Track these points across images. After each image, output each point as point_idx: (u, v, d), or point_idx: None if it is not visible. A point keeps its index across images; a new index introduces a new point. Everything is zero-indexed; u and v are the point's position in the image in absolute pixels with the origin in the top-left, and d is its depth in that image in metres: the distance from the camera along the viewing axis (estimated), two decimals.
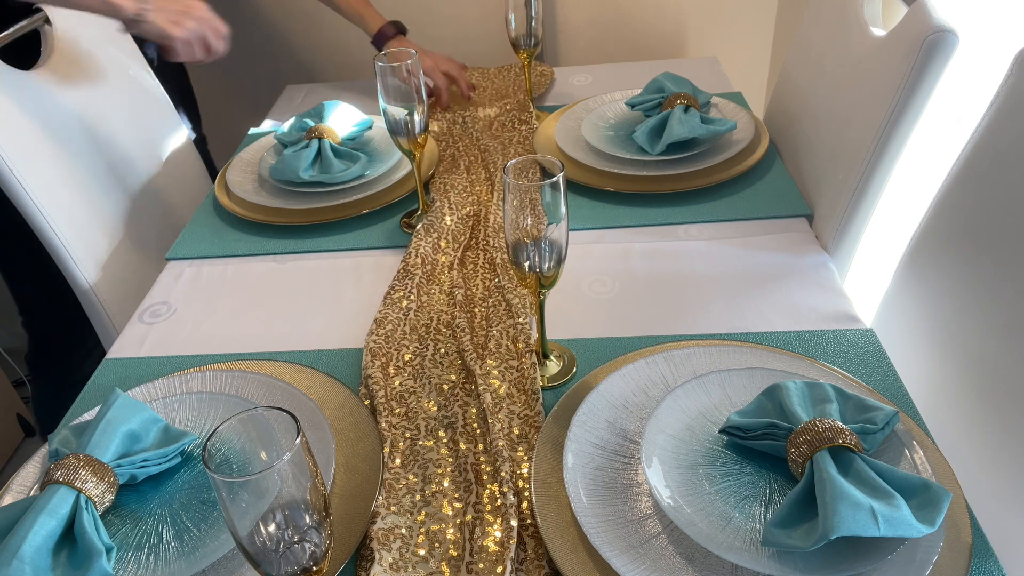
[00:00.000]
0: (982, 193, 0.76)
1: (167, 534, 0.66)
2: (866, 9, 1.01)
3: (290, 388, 0.79)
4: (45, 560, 0.61)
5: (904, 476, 0.59)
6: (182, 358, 0.89)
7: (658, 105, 1.18)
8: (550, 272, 0.74)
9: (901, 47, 0.87)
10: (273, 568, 0.51)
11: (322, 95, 1.52)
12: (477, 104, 1.41)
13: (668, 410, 0.71)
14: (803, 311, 0.87)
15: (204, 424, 0.77)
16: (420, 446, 0.74)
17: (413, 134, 0.99)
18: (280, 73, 1.80)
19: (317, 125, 1.18)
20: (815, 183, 1.06)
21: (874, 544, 0.58)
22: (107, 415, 0.70)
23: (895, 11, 1.06)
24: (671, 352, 0.79)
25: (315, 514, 0.51)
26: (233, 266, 1.05)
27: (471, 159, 1.23)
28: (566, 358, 0.83)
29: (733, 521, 0.62)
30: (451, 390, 0.80)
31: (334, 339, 0.90)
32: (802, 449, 0.61)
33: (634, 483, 0.67)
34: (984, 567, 0.59)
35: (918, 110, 0.87)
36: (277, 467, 0.47)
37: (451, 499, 0.69)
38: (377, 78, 0.95)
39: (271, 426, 0.52)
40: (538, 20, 1.27)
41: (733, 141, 1.15)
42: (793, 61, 1.22)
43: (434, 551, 0.64)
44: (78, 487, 0.64)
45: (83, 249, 1.12)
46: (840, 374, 0.75)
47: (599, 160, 1.15)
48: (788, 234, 1.00)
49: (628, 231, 1.03)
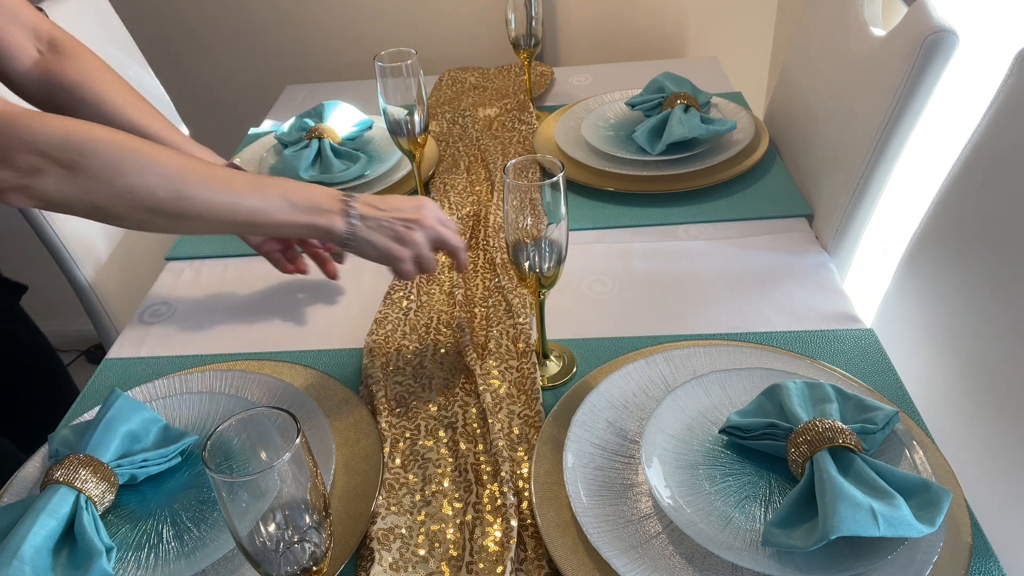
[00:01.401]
0: (982, 193, 0.76)
1: (167, 534, 0.66)
2: (866, 9, 1.01)
3: (290, 388, 0.79)
4: (45, 560, 0.61)
5: (904, 476, 0.59)
6: (182, 358, 0.89)
7: (658, 105, 1.18)
8: (550, 272, 0.74)
9: (901, 47, 0.87)
10: (273, 568, 0.51)
11: (322, 95, 1.52)
12: (477, 104, 1.41)
13: (668, 410, 0.71)
14: (803, 311, 0.87)
15: (204, 424, 0.77)
16: (420, 446, 0.74)
17: (413, 134, 0.99)
18: (280, 73, 1.80)
19: (317, 125, 1.18)
20: (815, 183, 1.06)
21: (874, 544, 0.57)
22: (107, 415, 0.70)
23: (895, 11, 1.06)
24: (671, 352, 0.79)
25: (315, 514, 0.51)
26: (233, 266, 1.05)
27: (471, 159, 1.23)
28: (566, 358, 0.83)
29: (733, 521, 0.62)
30: (451, 390, 0.80)
31: (334, 339, 0.90)
32: (802, 449, 0.61)
33: (634, 483, 0.67)
34: (984, 567, 0.59)
35: (918, 110, 0.87)
36: (277, 467, 0.47)
37: (451, 499, 0.69)
38: (377, 78, 0.95)
39: (271, 426, 0.52)
40: (538, 20, 1.27)
41: (733, 141, 1.15)
42: (793, 61, 1.22)
43: (434, 551, 0.64)
44: (78, 487, 0.64)
45: (83, 249, 1.12)
46: (840, 374, 0.75)
47: (599, 160, 1.15)
48: (788, 234, 1.00)
49: (628, 231, 1.03)
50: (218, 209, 0.72)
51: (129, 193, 0.68)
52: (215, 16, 1.75)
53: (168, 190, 0.69)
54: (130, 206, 0.69)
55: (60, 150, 0.64)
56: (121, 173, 0.67)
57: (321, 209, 0.77)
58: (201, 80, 1.83)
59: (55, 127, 0.65)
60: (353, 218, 0.78)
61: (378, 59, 0.95)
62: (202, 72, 1.83)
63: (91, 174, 0.66)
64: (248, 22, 1.75)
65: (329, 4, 1.71)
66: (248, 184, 0.74)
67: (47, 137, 0.64)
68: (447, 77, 1.53)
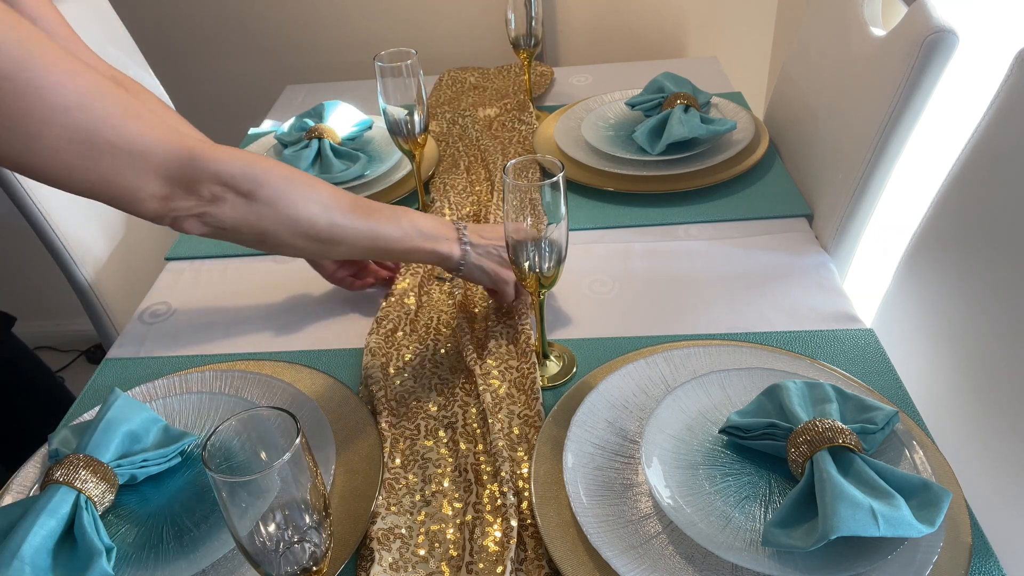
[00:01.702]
0: (982, 193, 0.76)
1: (167, 534, 0.66)
2: (866, 9, 1.01)
3: (290, 388, 0.79)
4: (45, 560, 0.61)
5: (904, 476, 0.59)
6: (182, 358, 0.89)
7: (658, 105, 1.18)
8: (550, 272, 0.74)
9: (901, 47, 0.87)
10: (273, 568, 0.51)
11: (322, 95, 1.52)
12: (477, 104, 1.41)
13: (668, 410, 0.71)
14: (803, 311, 0.87)
15: (204, 424, 0.77)
16: (420, 446, 0.74)
17: (413, 134, 0.99)
18: (280, 73, 1.80)
19: (317, 125, 1.18)
20: (815, 183, 1.06)
21: (874, 544, 0.57)
22: (107, 415, 0.70)
23: (895, 11, 1.06)
24: (671, 352, 0.79)
25: (315, 514, 0.51)
26: (233, 266, 1.05)
27: (471, 159, 1.23)
28: (566, 358, 0.83)
29: (733, 521, 0.62)
30: (451, 390, 0.80)
31: (334, 339, 0.90)
32: (802, 449, 0.61)
33: (634, 483, 0.67)
34: (984, 567, 0.59)
35: (918, 110, 0.87)
36: (277, 467, 0.47)
37: (451, 499, 0.69)
38: (377, 78, 0.95)
39: (271, 426, 0.52)
40: (538, 20, 1.27)
41: (733, 141, 1.15)
42: (793, 61, 1.22)
43: (434, 551, 0.64)
44: (78, 487, 0.64)
45: (83, 249, 1.12)
46: (840, 374, 0.75)
47: (599, 160, 1.15)
48: (788, 234, 1.00)
49: (628, 231, 1.03)
50: (363, 236, 0.78)
51: (294, 221, 0.73)
52: (215, 16, 1.75)
53: (325, 219, 0.75)
54: (292, 232, 0.74)
55: (240, 180, 0.69)
56: (291, 203, 0.72)
57: (442, 237, 0.82)
58: (201, 80, 1.84)
59: (236, 158, 0.69)
60: (466, 245, 0.84)
61: (378, 59, 0.94)
62: (202, 72, 1.83)
63: (264, 202, 0.71)
64: (248, 22, 1.75)
65: (329, 4, 1.71)
66: (384, 214, 0.80)
67: (229, 168, 0.69)
68: (447, 77, 1.53)
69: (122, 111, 0.63)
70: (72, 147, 0.61)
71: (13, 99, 0.58)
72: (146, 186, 0.66)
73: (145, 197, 0.66)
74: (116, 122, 0.63)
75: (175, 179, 0.67)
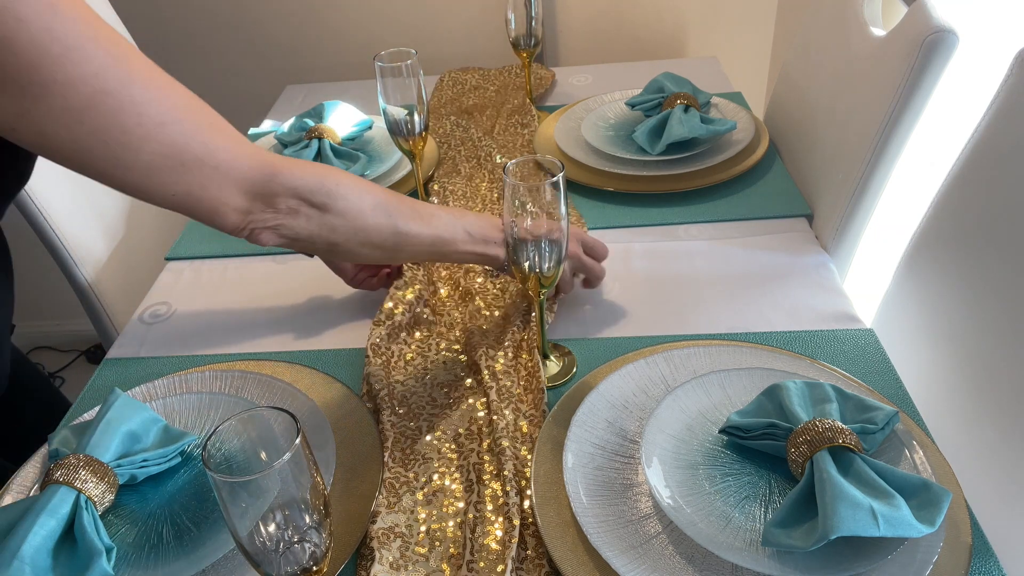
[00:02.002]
0: (982, 193, 0.76)
1: (167, 534, 0.66)
2: (866, 9, 1.01)
3: (290, 388, 0.79)
4: (45, 560, 0.60)
5: (904, 476, 0.59)
6: (182, 358, 0.89)
7: (658, 105, 1.18)
8: (550, 272, 0.74)
9: (901, 47, 0.87)
10: (273, 568, 0.51)
11: (322, 95, 1.52)
12: (478, 105, 1.41)
13: (668, 410, 0.71)
14: (803, 311, 0.87)
15: (204, 424, 0.77)
16: (421, 445, 0.74)
17: (413, 134, 0.99)
18: (280, 73, 1.80)
19: (317, 125, 1.18)
20: (815, 183, 1.06)
21: (874, 544, 0.57)
22: (107, 415, 0.70)
23: (895, 11, 1.06)
24: (671, 352, 0.79)
25: (315, 514, 0.51)
26: (233, 266, 1.05)
27: (472, 159, 1.23)
28: (566, 358, 0.83)
29: (733, 521, 0.62)
30: (454, 388, 0.80)
31: (334, 339, 0.90)
32: (802, 449, 0.61)
33: (634, 483, 0.67)
34: (984, 567, 0.59)
35: (918, 110, 0.87)
36: (277, 467, 0.47)
37: (452, 498, 0.69)
38: (377, 78, 0.95)
39: (271, 426, 0.52)
40: (538, 20, 1.27)
41: (733, 141, 1.15)
42: (793, 61, 1.22)
43: (434, 550, 0.64)
44: (78, 487, 0.64)
45: (83, 249, 1.12)
46: (840, 374, 0.75)
47: (599, 160, 1.15)
48: (788, 234, 1.00)
49: (628, 231, 1.03)
50: (423, 242, 0.79)
51: (364, 231, 0.75)
52: (215, 16, 1.75)
53: (391, 228, 0.77)
54: (361, 242, 0.76)
55: (315, 194, 0.71)
56: (361, 213, 0.74)
57: (489, 240, 0.83)
58: (201, 80, 1.83)
59: (311, 172, 0.71)
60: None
61: (378, 59, 0.95)
62: (202, 72, 1.83)
63: (337, 214, 0.73)
64: (248, 22, 1.75)
65: (329, 4, 1.71)
66: (440, 218, 0.81)
67: (306, 182, 0.70)
68: (448, 78, 1.53)
69: (209, 125, 0.64)
70: (166, 162, 0.62)
71: (115, 115, 0.58)
72: (229, 200, 0.67)
73: (227, 211, 0.68)
74: (205, 137, 0.64)
75: (256, 193, 0.68)
